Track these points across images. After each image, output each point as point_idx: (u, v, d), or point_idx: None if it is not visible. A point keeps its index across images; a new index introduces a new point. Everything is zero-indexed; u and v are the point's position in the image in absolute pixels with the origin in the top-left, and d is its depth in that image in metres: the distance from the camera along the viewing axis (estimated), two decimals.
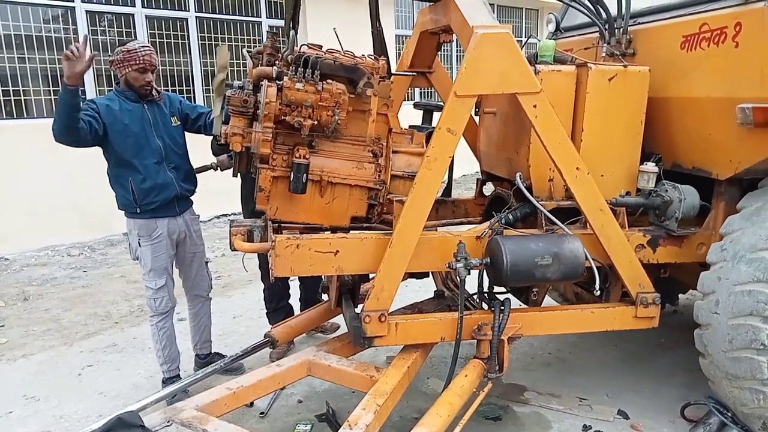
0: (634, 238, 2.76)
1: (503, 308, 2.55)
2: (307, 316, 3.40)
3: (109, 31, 6.99)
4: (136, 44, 3.05)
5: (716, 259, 2.52)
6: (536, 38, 3.42)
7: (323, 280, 3.45)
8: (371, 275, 2.73)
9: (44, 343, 4.14)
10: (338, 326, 3.98)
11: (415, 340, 2.65)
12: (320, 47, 2.51)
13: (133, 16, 7.09)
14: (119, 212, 3.18)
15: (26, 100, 6.44)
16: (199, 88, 7.79)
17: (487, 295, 2.83)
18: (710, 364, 2.56)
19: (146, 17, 7.20)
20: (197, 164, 3.34)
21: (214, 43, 7.82)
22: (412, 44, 3.32)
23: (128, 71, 3.02)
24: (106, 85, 6.86)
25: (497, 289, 2.80)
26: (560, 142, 2.52)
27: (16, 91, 6.34)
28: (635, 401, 3.13)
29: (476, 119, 3.46)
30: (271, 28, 7.25)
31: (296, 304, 4.02)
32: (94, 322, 4.52)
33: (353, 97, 2.45)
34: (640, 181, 2.79)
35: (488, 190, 3.50)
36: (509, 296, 2.70)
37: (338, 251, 2.48)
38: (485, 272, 2.62)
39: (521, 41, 3.02)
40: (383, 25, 2.88)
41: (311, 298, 3.93)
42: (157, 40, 7.35)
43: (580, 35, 3.54)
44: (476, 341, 2.62)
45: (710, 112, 2.62)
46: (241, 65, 7.57)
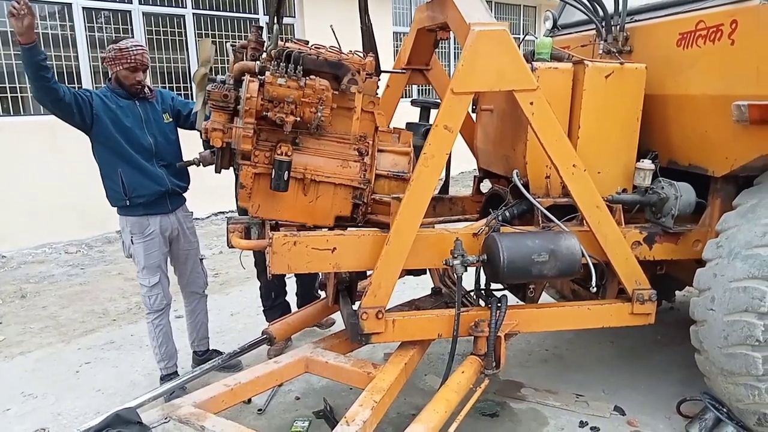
0: (630, 235, 2.77)
1: (500, 305, 2.56)
2: (304, 313, 3.40)
3: (106, 27, 6.97)
4: (128, 43, 3.03)
5: (712, 255, 2.53)
6: (533, 35, 3.42)
7: (320, 276, 3.45)
8: (368, 272, 2.74)
9: (42, 340, 4.14)
10: (334, 321, 3.99)
11: (412, 336, 2.65)
12: (306, 43, 2.47)
13: (130, 12, 7.08)
14: (116, 209, 3.17)
15: (23, 97, 6.42)
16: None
17: (484, 292, 2.83)
18: (706, 360, 2.57)
19: (143, 14, 7.18)
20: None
21: (211, 39, 7.79)
22: (409, 41, 3.32)
23: (119, 69, 3.01)
24: (102, 81, 6.85)
25: (494, 286, 2.80)
26: (557, 139, 2.52)
27: (12, 88, 6.33)
28: (632, 397, 3.15)
29: (473, 116, 3.47)
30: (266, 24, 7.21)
31: (293, 300, 4.03)
32: (91, 319, 4.52)
33: (338, 93, 2.41)
34: (636, 178, 2.80)
35: (486, 187, 3.51)
36: (506, 293, 2.71)
37: (335, 248, 2.48)
38: (482, 269, 2.63)
39: (518, 38, 3.03)
40: (381, 22, 2.89)
41: (307, 293, 3.94)
42: (154, 36, 7.34)
43: (577, 32, 3.55)
44: (473, 338, 2.63)
45: (706, 109, 2.63)
46: (212, 73, 7.57)
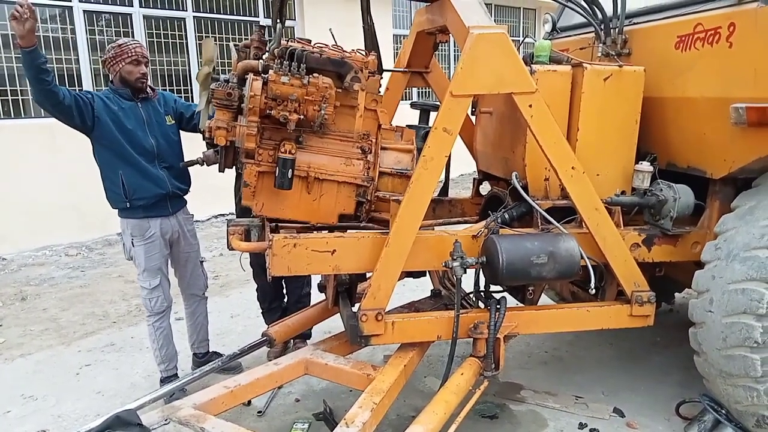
0: (629, 237, 2.77)
1: (499, 307, 2.57)
2: (304, 315, 3.40)
3: (106, 30, 6.99)
4: (125, 39, 3.09)
5: (710, 257, 2.53)
6: (532, 38, 3.43)
7: (321, 278, 3.46)
8: (368, 274, 2.74)
9: (42, 342, 4.15)
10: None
11: (411, 338, 2.66)
12: (309, 42, 2.48)
13: (130, 15, 7.09)
14: (116, 212, 3.18)
15: (24, 99, 6.43)
16: (196, 87, 7.75)
17: (483, 293, 2.84)
18: (705, 362, 2.57)
19: (144, 17, 7.20)
20: None
21: (213, 39, 7.81)
22: (408, 44, 3.33)
23: (122, 66, 3.02)
24: (103, 84, 6.86)
25: (493, 288, 2.81)
26: (556, 141, 2.53)
27: (13, 90, 6.34)
28: (631, 399, 3.15)
29: (473, 119, 3.47)
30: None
31: None
32: (91, 321, 4.53)
33: (341, 92, 2.42)
34: (635, 180, 2.81)
35: (485, 189, 3.52)
36: (505, 295, 2.72)
37: (335, 250, 2.49)
38: (481, 271, 2.64)
39: (517, 41, 3.04)
40: (382, 24, 2.89)
41: (296, 303, 3.86)
42: (154, 39, 7.35)
43: (576, 35, 3.56)
44: (473, 340, 2.64)
45: (705, 111, 2.64)
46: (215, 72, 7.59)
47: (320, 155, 2.48)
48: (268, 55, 2.43)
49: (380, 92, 2.66)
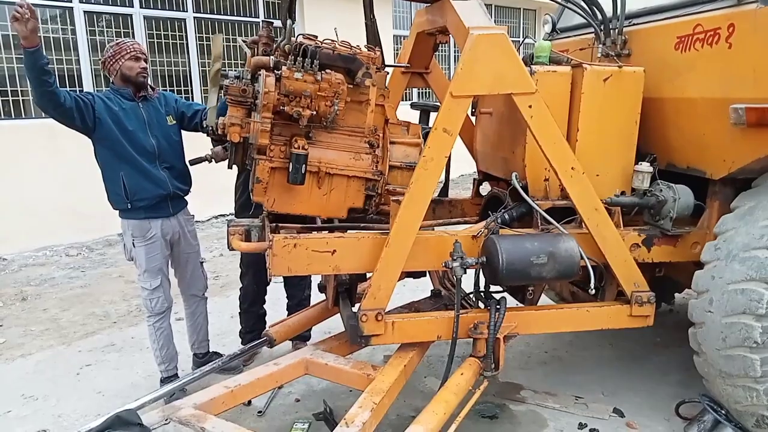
0: (629, 237, 2.78)
1: (499, 307, 2.57)
2: (304, 315, 3.41)
3: (107, 31, 6.99)
4: (123, 39, 3.13)
5: (710, 258, 2.54)
6: (532, 39, 3.44)
7: (321, 279, 3.46)
8: (368, 274, 2.75)
9: (42, 342, 4.15)
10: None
11: (411, 338, 2.66)
12: (315, 38, 2.50)
13: (131, 16, 7.10)
14: (117, 212, 3.19)
15: (24, 100, 6.44)
16: (197, 88, 7.79)
17: (483, 294, 2.84)
18: (704, 362, 2.58)
19: (144, 18, 7.20)
20: None
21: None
22: (409, 45, 3.34)
23: (123, 63, 3.03)
24: (103, 85, 6.87)
25: (493, 288, 2.81)
26: (555, 142, 2.54)
27: (14, 91, 6.35)
28: (631, 399, 3.15)
29: (473, 119, 3.48)
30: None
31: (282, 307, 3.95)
32: (92, 321, 4.53)
33: (351, 87, 2.44)
34: (635, 180, 2.81)
35: (485, 190, 3.52)
36: (505, 295, 2.72)
37: (335, 251, 2.49)
38: (481, 271, 2.64)
39: (517, 42, 3.04)
40: (382, 25, 2.89)
41: (297, 304, 3.85)
42: (155, 40, 7.36)
43: (576, 36, 3.56)
44: (472, 340, 2.64)
45: (704, 112, 2.64)
46: (233, 64, 7.59)
47: (329, 150, 2.51)
48: (278, 51, 2.45)
49: (387, 87, 2.68)
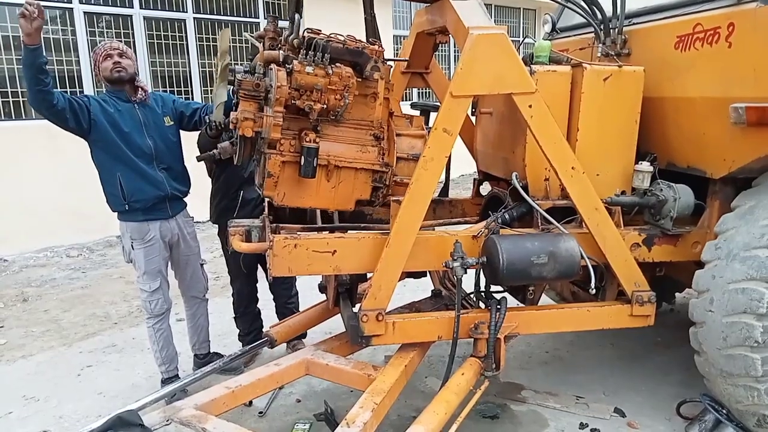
0: (629, 237, 2.78)
1: (500, 307, 2.57)
2: (305, 315, 3.41)
3: (107, 32, 7.00)
4: (103, 42, 3.14)
5: (711, 257, 2.53)
6: (532, 39, 3.44)
7: (321, 279, 3.46)
8: (369, 275, 2.75)
9: (43, 343, 4.16)
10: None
11: (412, 339, 2.66)
12: (319, 32, 2.51)
13: (131, 17, 7.10)
14: (116, 214, 3.18)
15: (24, 101, 6.44)
16: (197, 88, 7.79)
17: (483, 294, 2.84)
18: (705, 361, 2.58)
19: (144, 18, 7.21)
20: (192, 164, 3.32)
21: (212, 44, 7.82)
22: (408, 45, 3.34)
23: (100, 66, 3.05)
24: (103, 86, 6.87)
25: (494, 288, 2.81)
26: (556, 141, 2.54)
27: (14, 92, 6.35)
28: (632, 399, 3.15)
29: (473, 119, 3.48)
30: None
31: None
32: (93, 322, 4.53)
33: (359, 80, 2.46)
34: (635, 180, 2.81)
35: (485, 189, 3.52)
36: (506, 295, 2.72)
37: (336, 251, 2.49)
38: (482, 271, 2.64)
39: (517, 42, 3.04)
40: (382, 25, 2.89)
41: (282, 294, 3.84)
42: (155, 41, 7.36)
43: (575, 35, 3.56)
44: (473, 340, 2.64)
45: (704, 111, 2.64)
46: (232, 63, 7.60)
47: (337, 143, 2.52)
48: (286, 46, 2.46)
49: (391, 80, 2.69)
